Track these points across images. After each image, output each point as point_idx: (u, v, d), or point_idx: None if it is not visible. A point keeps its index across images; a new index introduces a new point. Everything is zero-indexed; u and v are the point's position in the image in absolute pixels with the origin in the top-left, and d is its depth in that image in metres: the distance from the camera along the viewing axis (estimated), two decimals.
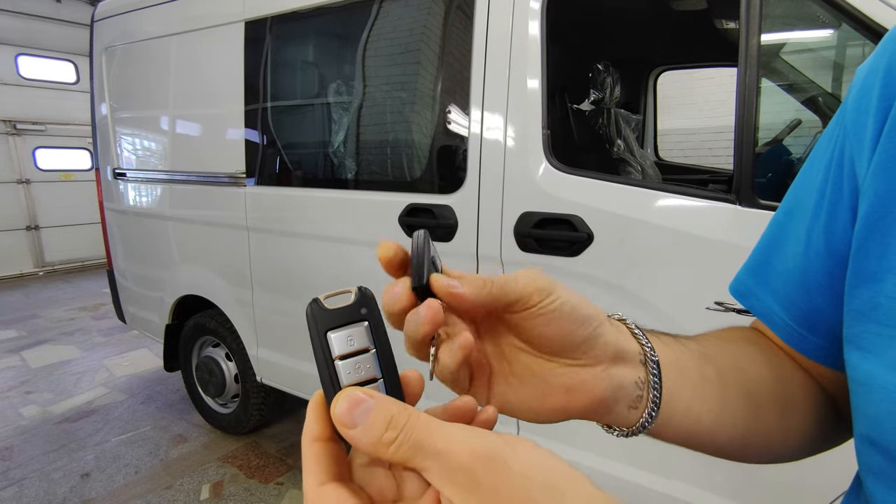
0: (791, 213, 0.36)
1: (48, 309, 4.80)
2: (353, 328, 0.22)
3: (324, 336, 0.22)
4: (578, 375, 0.29)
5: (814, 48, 2.62)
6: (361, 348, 0.22)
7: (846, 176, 0.30)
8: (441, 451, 0.19)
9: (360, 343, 0.22)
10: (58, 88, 6.35)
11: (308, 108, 1.86)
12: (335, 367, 0.22)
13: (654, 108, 2.68)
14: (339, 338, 0.22)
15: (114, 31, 2.40)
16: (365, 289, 0.23)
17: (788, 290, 0.35)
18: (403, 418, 0.20)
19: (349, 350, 0.22)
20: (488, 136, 1.39)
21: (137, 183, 2.45)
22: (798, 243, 0.34)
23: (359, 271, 1.71)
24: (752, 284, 0.38)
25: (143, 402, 2.85)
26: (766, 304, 0.37)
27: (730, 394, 0.33)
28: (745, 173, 1.08)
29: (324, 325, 0.22)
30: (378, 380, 0.22)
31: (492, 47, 1.36)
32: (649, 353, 0.31)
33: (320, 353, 0.22)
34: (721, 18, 1.91)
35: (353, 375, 0.22)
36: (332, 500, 0.20)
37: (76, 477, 2.19)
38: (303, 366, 1.98)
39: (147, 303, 2.58)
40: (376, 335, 0.22)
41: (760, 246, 0.39)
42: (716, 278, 1.13)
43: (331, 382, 0.22)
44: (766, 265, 0.37)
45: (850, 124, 0.30)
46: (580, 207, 1.27)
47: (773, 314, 0.36)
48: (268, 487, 2.10)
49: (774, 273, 0.36)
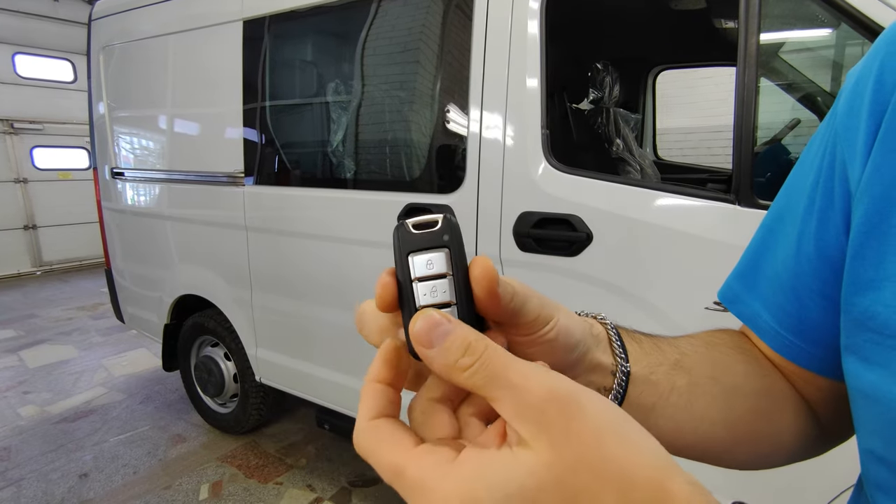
0: (781, 217, 0.36)
1: (46, 308, 4.79)
2: (433, 253, 0.23)
3: (405, 257, 0.23)
4: None
5: (812, 47, 2.62)
6: (439, 273, 0.23)
7: (838, 180, 0.30)
8: (517, 385, 0.19)
9: (438, 268, 0.23)
10: (55, 87, 6.32)
11: (307, 108, 1.86)
12: (412, 288, 0.23)
13: (654, 107, 2.68)
14: (420, 261, 0.23)
15: (111, 29, 2.39)
16: (450, 217, 0.24)
17: (777, 296, 0.35)
18: (481, 347, 0.20)
19: (428, 273, 0.23)
20: (487, 136, 1.38)
21: (135, 182, 2.45)
22: (788, 248, 0.34)
23: (358, 271, 1.71)
24: (741, 290, 0.38)
25: (141, 402, 2.85)
26: (754, 310, 0.36)
27: (698, 404, 0.34)
28: (745, 173, 1.08)
29: (406, 248, 0.23)
30: (453, 305, 0.23)
31: (491, 46, 1.36)
32: (621, 366, 0.32)
33: (400, 273, 0.23)
34: (720, 18, 1.91)
35: (428, 297, 0.23)
36: (385, 432, 0.21)
37: (74, 477, 2.18)
38: (302, 365, 1.98)
39: (145, 302, 2.57)
40: (456, 262, 0.23)
41: (750, 251, 0.38)
42: (715, 278, 1.12)
43: (408, 302, 0.23)
44: (755, 271, 0.37)
45: (841, 128, 0.30)
46: (579, 207, 1.27)
47: (761, 320, 0.36)
48: (267, 487, 2.09)
49: (763, 279, 0.36)
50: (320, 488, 2.08)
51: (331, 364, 1.89)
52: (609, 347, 0.32)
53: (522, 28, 1.31)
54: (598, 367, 0.31)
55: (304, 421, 2.60)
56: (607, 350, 0.32)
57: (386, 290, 0.23)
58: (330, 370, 1.89)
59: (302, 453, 2.33)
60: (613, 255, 1.24)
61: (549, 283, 1.33)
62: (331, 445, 2.38)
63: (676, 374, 0.34)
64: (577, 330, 0.29)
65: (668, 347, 0.36)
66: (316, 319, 1.88)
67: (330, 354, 1.89)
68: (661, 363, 0.34)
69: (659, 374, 0.34)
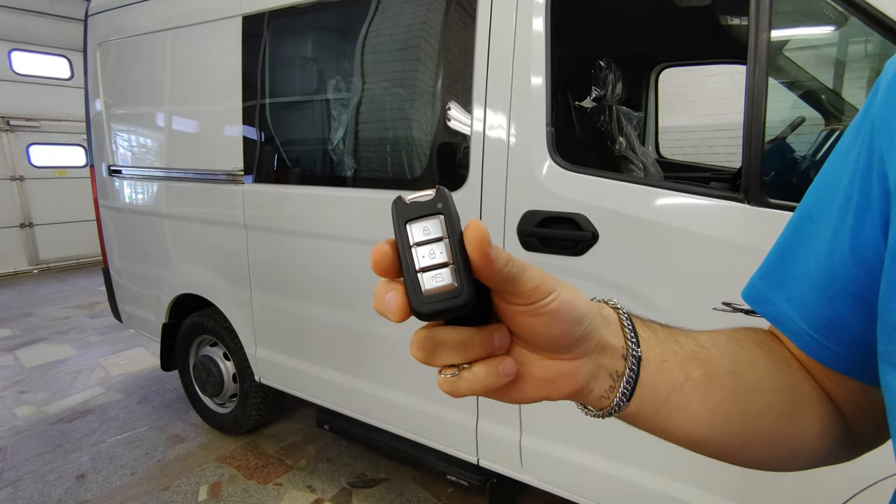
0: (810, 216, 0.35)
1: (43, 307, 4.75)
2: (429, 220, 0.25)
3: (403, 226, 0.25)
4: (562, 368, 0.30)
5: (816, 45, 2.60)
6: (436, 237, 0.24)
7: (875, 178, 0.29)
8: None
9: (434, 232, 0.24)
10: (52, 84, 6.28)
11: (307, 105, 1.84)
12: (411, 253, 0.24)
13: (656, 105, 2.66)
14: (417, 228, 0.24)
15: (108, 25, 2.36)
16: (442, 188, 0.26)
17: (807, 296, 0.34)
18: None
19: (425, 238, 0.24)
20: (491, 134, 1.36)
21: (133, 180, 2.42)
22: (820, 249, 0.33)
23: (359, 270, 1.69)
24: (767, 290, 0.37)
25: (139, 402, 2.83)
26: (782, 311, 0.35)
27: (714, 397, 0.33)
28: (754, 172, 1.07)
29: (404, 217, 0.25)
30: (450, 265, 0.24)
31: (495, 43, 1.34)
32: (631, 349, 0.31)
33: (400, 241, 0.25)
34: (725, 14, 1.89)
35: (427, 259, 0.24)
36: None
37: (71, 478, 2.16)
38: (302, 365, 1.96)
39: (143, 301, 2.55)
40: (450, 227, 0.25)
41: (776, 251, 0.37)
42: (723, 278, 1.11)
43: (408, 267, 0.24)
44: (782, 270, 0.36)
45: (879, 122, 0.29)
46: (585, 206, 1.25)
47: (790, 321, 0.35)
48: (267, 488, 2.08)
49: (792, 279, 0.35)
50: (320, 489, 2.06)
51: (331, 364, 1.87)
52: (620, 330, 0.32)
53: (527, 25, 1.29)
54: (607, 348, 0.31)
55: (303, 421, 2.58)
56: (618, 332, 0.31)
57: (382, 256, 0.24)
58: (330, 370, 1.88)
59: (302, 454, 2.32)
60: (620, 254, 1.23)
61: None
62: (331, 446, 2.36)
63: (692, 364, 0.33)
64: (582, 306, 0.29)
65: (684, 338, 0.35)
66: (316, 319, 1.86)
67: (330, 354, 1.87)
68: (676, 353, 0.33)
69: (672, 364, 0.33)
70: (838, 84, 2.77)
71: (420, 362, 0.26)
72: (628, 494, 1.32)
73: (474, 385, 0.27)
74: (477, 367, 0.27)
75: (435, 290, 0.24)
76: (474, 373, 0.27)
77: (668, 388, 0.32)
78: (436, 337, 0.26)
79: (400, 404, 1.70)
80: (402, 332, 1.66)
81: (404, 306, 0.24)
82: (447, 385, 0.27)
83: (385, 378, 1.73)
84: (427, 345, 0.26)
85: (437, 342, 0.26)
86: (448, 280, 0.24)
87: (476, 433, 1.55)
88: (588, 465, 1.36)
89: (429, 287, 0.24)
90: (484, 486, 1.64)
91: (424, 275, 0.24)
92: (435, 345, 0.26)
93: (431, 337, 0.26)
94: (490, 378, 0.27)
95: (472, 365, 0.27)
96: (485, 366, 0.27)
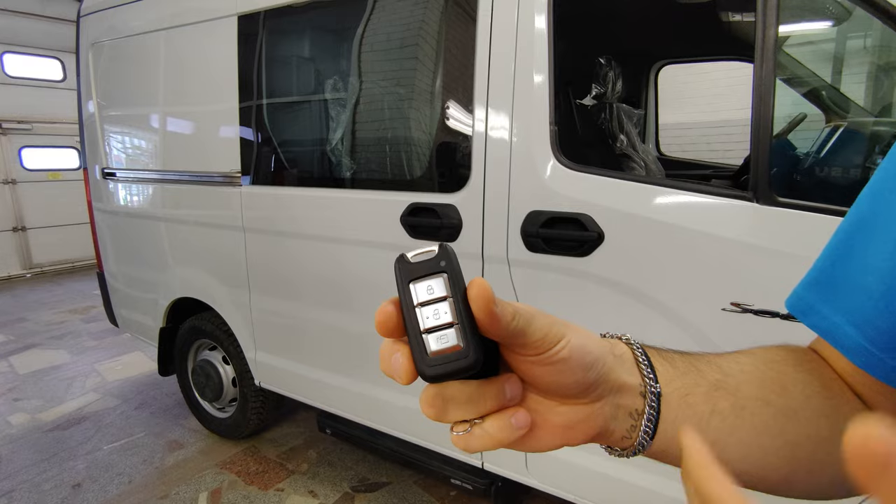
0: (865, 224, 0.33)
1: (36, 312, 4.70)
2: (432, 279, 0.24)
3: (406, 286, 0.24)
4: (579, 413, 0.29)
5: (815, 41, 2.59)
6: (440, 296, 0.24)
7: None
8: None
9: (438, 292, 0.24)
10: (44, 86, 6.21)
11: (305, 105, 1.81)
12: (416, 313, 0.24)
13: (656, 102, 2.65)
14: (421, 287, 0.24)
15: (101, 26, 2.32)
16: (446, 244, 0.25)
17: (865, 309, 0.31)
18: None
19: (429, 298, 0.24)
20: (493, 133, 1.34)
21: (128, 183, 2.38)
22: (880, 258, 0.31)
23: (359, 272, 1.67)
24: (816, 301, 0.35)
25: (136, 408, 2.79)
26: (835, 324, 0.33)
27: (745, 429, 0.32)
28: (763, 170, 1.05)
29: (407, 277, 0.25)
30: (455, 325, 0.24)
31: (496, 41, 1.31)
32: (650, 386, 0.30)
33: (403, 301, 0.24)
34: (726, 11, 1.88)
35: (431, 320, 0.24)
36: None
37: (67, 488, 2.13)
38: (302, 369, 1.93)
39: (140, 305, 2.51)
40: (454, 285, 0.24)
41: (825, 259, 0.35)
42: (732, 278, 1.10)
43: (412, 327, 0.24)
44: (833, 280, 0.34)
45: None
46: (590, 206, 1.23)
47: (844, 335, 0.33)
48: (268, 494, 2.05)
49: (845, 289, 0.33)
50: (322, 494, 2.04)
51: (332, 367, 1.85)
52: (636, 367, 0.31)
53: (529, 22, 1.27)
54: (623, 388, 0.30)
55: (304, 424, 2.56)
56: (633, 370, 0.31)
57: (387, 317, 0.24)
58: (331, 373, 1.85)
59: (303, 458, 2.29)
60: (626, 255, 1.21)
61: (559, 284, 1.29)
62: (332, 449, 2.34)
63: (718, 395, 0.32)
64: (593, 348, 0.28)
65: (706, 367, 0.33)
66: (316, 322, 1.84)
67: (331, 357, 1.84)
68: (699, 384, 0.32)
69: (696, 396, 0.31)
70: (837, 80, 2.76)
71: (431, 420, 0.26)
72: (634, 497, 1.30)
73: (487, 441, 0.26)
74: (489, 421, 0.26)
75: (441, 351, 0.23)
76: (486, 428, 0.26)
77: (693, 422, 0.31)
78: (445, 393, 0.25)
79: (403, 407, 1.68)
80: None
81: (410, 369, 0.24)
82: (460, 442, 0.26)
83: (387, 380, 1.71)
84: (437, 402, 0.25)
85: (447, 399, 0.25)
86: (454, 341, 0.23)
87: None
88: (594, 467, 1.34)
89: (434, 348, 0.23)
90: (488, 489, 1.62)
91: (429, 336, 0.23)
92: (445, 401, 0.25)
93: (441, 394, 0.25)
94: (503, 432, 0.26)
95: (485, 419, 0.26)
96: (497, 420, 0.26)
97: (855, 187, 1.46)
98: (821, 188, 1.61)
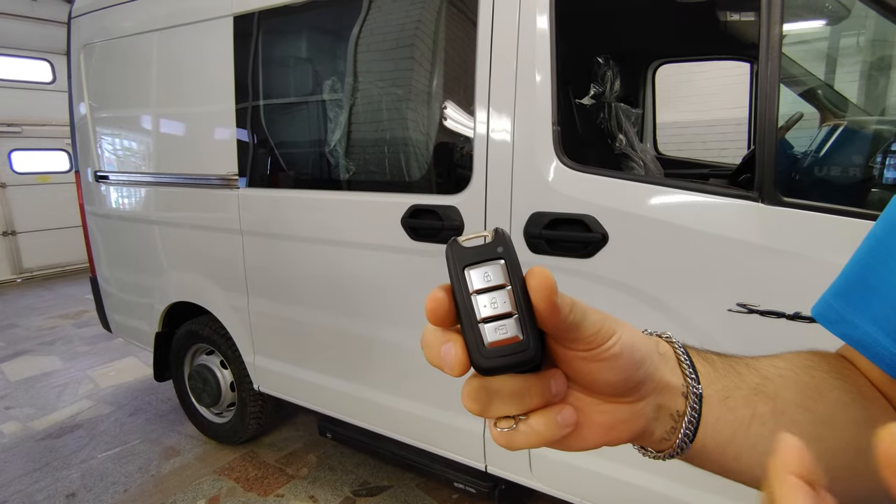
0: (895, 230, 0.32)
1: (27, 317, 4.62)
2: (489, 265, 0.23)
3: (462, 271, 0.23)
4: (622, 412, 0.28)
5: (811, 40, 2.60)
6: (498, 284, 0.23)
7: None
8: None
9: (496, 279, 0.23)
10: (33, 88, 6.12)
11: (303, 107, 1.79)
12: (472, 301, 0.23)
13: (653, 101, 2.65)
14: (477, 274, 0.23)
15: (92, 27, 2.29)
16: (502, 230, 0.24)
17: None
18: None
19: (486, 285, 0.23)
20: (494, 134, 1.33)
21: (121, 186, 2.35)
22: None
23: (359, 275, 1.65)
24: (845, 309, 0.34)
25: (131, 415, 2.75)
26: (867, 333, 0.33)
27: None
28: (768, 170, 1.05)
29: (461, 262, 0.23)
30: (513, 315, 0.23)
31: (497, 41, 1.30)
32: (692, 387, 0.30)
33: (458, 288, 0.23)
34: (725, 10, 1.88)
35: (489, 309, 0.22)
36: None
37: (61, 498, 2.08)
38: (302, 373, 1.91)
39: (135, 310, 2.47)
40: (512, 273, 0.23)
41: (854, 266, 0.34)
42: (738, 279, 1.09)
43: (467, 316, 0.23)
44: (864, 288, 0.33)
45: None
46: (594, 207, 1.22)
47: (877, 344, 0.32)
48: (268, 500, 2.02)
49: (876, 297, 0.32)
50: (323, 499, 2.02)
51: (332, 371, 1.82)
52: (678, 367, 0.30)
53: (531, 22, 1.26)
54: (666, 388, 0.29)
55: (304, 428, 2.53)
56: (676, 370, 0.30)
57: (438, 304, 0.23)
58: (331, 377, 1.83)
59: (303, 462, 2.26)
60: (631, 256, 1.20)
61: (564, 286, 1.27)
62: (333, 453, 2.31)
63: (758, 399, 0.31)
64: (642, 346, 0.28)
65: (745, 370, 0.32)
66: (316, 325, 1.82)
67: (331, 361, 1.82)
68: (739, 387, 0.31)
69: (737, 400, 0.31)
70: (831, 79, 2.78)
71: (473, 414, 0.25)
72: (639, 500, 1.29)
73: (532, 438, 0.25)
74: (534, 418, 0.25)
75: (499, 342, 0.22)
76: (531, 425, 0.25)
77: (733, 426, 0.30)
78: (490, 387, 0.24)
79: (404, 411, 1.66)
80: (406, 337, 1.61)
81: (465, 361, 0.23)
82: (503, 439, 0.25)
83: (388, 384, 1.69)
84: (481, 396, 0.24)
85: (492, 392, 0.24)
86: (513, 332, 0.22)
87: (484, 439, 1.51)
88: (598, 470, 1.33)
89: (492, 339, 0.22)
90: (492, 492, 1.61)
91: (487, 325, 0.22)
92: (489, 395, 0.24)
93: (485, 387, 0.24)
94: (549, 430, 0.25)
95: (529, 416, 0.25)
96: (543, 416, 0.25)
97: (856, 187, 1.45)
98: (821, 188, 1.61)
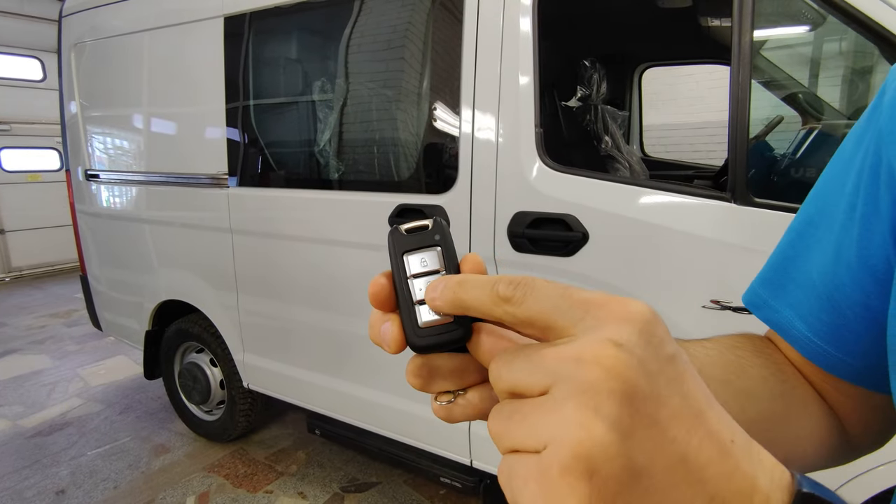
0: (812, 223, 0.35)
1: (16, 316, 4.59)
2: (426, 252, 0.25)
3: (400, 257, 0.25)
4: None
5: (792, 44, 2.66)
6: (433, 269, 0.24)
7: (884, 186, 0.28)
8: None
9: (432, 265, 0.24)
10: (23, 86, 6.07)
11: (292, 107, 1.81)
12: (408, 284, 0.24)
13: (640, 104, 2.69)
14: (414, 259, 0.24)
15: (83, 26, 2.29)
16: (439, 219, 0.25)
17: (811, 303, 0.34)
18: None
19: (422, 270, 0.24)
20: (479, 135, 1.36)
21: (111, 184, 2.35)
22: (824, 256, 0.33)
23: (347, 273, 1.67)
24: (768, 296, 0.37)
25: (120, 413, 2.75)
26: (785, 317, 0.35)
27: None
28: (740, 171, 1.09)
29: (401, 248, 0.25)
30: None
31: (482, 43, 1.33)
32: None
33: (396, 272, 0.25)
34: (706, 16, 1.93)
35: (424, 292, 0.24)
36: None
37: (51, 495, 2.09)
38: (291, 370, 1.93)
39: (125, 308, 2.48)
40: (447, 259, 0.25)
41: (777, 256, 0.37)
42: (711, 277, 1.13)
43: (405, 299, 0.24)
44: (785, 276, 0.36)
45: (886, 129, 0.29)
46: (575, 207, 1.25)
47: (793, 328, 0.35)
48: (257, 497, 2.04)
49: (794, 285, 0.35)
50: (312, 495, 2.04)
51: (321, 368, 1.85)
52: None
53: (515, 25, 1.29)
54: None
55: (293, 426, 2.55)
56: None
57: (380, 289, 0.25)
58: (320, 374, 1.85)
59: (292, 459, 2.28)
60: (609, 254, 1.24)
61: None
62: (322, 450, 2.33)
63: None
64: None
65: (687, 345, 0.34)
66: (305, 323, 1.84)
67: (320, 358, 1.84)
68: None
69: None
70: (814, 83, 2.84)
71: (416, 389, 0.27)
72: None
73: (469, 411, 0.27)
74: (472, 392, 0.27)
75: (431, 323, 0.24)
76: (468, 398, 0.27)
77: None
78: (431, 364, 0.26)
79: (391, 407, 1.68)
80: None
81: (400, 338, 0.24)
82: (442, 412, 0.27)
83: (375, 381, 1.72)
84: (423, 372, 0.26)
85: (433, 369, 0.26)
86: None
87: (469, 434, 1.54)
88: None
89: (426, 320, 0.24)
90: (477, 487, 1.64)
91: (421, 307, 0.24)
92: (430, 372, 0.26)
93: (427, 364, 0.26)
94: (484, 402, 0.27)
95: (468, 391, 0.27)
96: (479, 391, 0.27)
97: None
98: (797, 189, 1.66)
